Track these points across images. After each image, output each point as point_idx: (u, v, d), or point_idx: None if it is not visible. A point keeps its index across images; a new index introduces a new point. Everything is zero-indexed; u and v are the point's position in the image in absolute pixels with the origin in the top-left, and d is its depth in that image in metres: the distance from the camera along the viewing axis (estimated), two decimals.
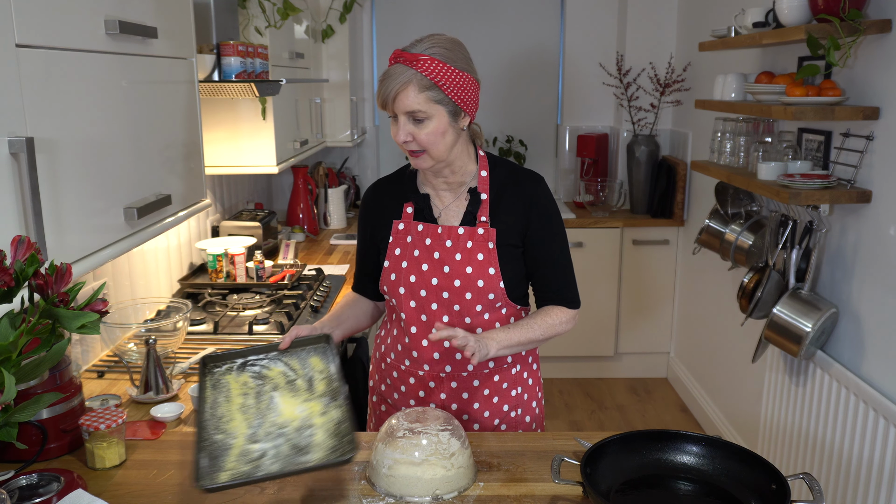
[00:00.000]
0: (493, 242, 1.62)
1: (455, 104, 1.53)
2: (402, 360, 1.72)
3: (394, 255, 1.67)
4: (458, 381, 1.68)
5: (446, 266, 1.62)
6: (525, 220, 1.64)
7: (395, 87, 1.49)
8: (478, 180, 1.66)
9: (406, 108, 1.50)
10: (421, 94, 1.49)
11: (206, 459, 1.27)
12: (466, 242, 1.62)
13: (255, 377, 1.49)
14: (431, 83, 1.49)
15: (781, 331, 2.38)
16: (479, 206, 1.64)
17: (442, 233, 1.64)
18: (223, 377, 1.49)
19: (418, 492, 1.38)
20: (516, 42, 4.56)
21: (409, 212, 1.68)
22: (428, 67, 1.48)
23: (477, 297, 1.62)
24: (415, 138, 1.52)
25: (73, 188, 1.30)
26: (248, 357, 1.53)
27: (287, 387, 1.46)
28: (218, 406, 1.41)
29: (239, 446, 1.30)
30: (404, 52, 1.51)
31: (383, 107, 1.53)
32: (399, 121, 1.52)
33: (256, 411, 1.39)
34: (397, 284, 1.66)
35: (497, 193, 1.65)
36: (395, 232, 1.68)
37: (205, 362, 1.52)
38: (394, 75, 1.49)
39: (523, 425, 1.78)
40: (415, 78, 1.48)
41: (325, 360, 1.52)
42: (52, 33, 1.24)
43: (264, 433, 1.33)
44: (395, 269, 1.66)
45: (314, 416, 1.37)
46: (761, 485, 1.32)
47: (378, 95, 1.53)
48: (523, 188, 1.65)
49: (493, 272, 1.61)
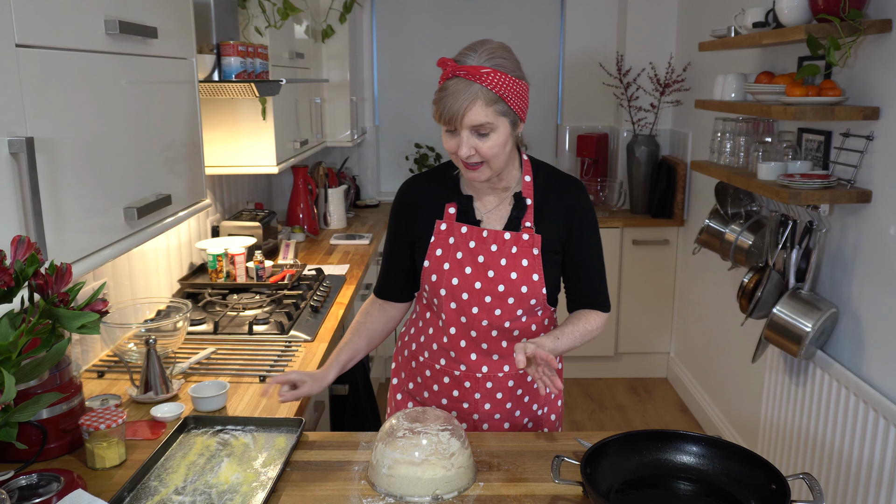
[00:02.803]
0: (539, 249, 1.62)
1: (516, 114, 1.52)
2: (437, 360, 1.71)
3: (435, 255, 1.65)
4: (493, 381, 1.69)
5: (490, 270, 1.61)
6: (567, 226, 1.64)
7: (463, 103, 1.45)
8: (522, 185, 1.65)
9: (473, 123, 1.47)
10: (489, 108, 1.47)
11: (128, 498, 1.38)
12: (511, 248, 1.62)
13: (220, 443, 1.59)
14: (497, 97, 1.47)
15: (781, 331, 2.38)
16: (524, 211, 1.63)
17: (487, 236, 1.62)
18: (195, 437, 1.61)
19: (418, 492, 1.38)
20: (516, 42, 4.49)
21: (451, 212, 1.65)
22: (492, 81, 1.46)
23: (519, 302, 1.62)
24: (477, 151, 1.50)
25: (73, 188, 1.30)
26: (226, 426, 1.65)
27: (240, 456, 1.54)
28: (172, 459, 1.52)
29: (163, 494, 1.39)
30: (463, 65, 1.47)
31: (446, 123, 1.49)
32: (462, 135, 1.49)
33: (199, 470, 1.48)
34: (438, 286, 1.64)
35: (541, 199, 1.65)
36: (437, 232, 1.65)
37: (187, 422, 1.64)
38: (458, 91, 1.46)
39: (548, 423, 1.80)
40: (481, 93, 1.46)
41: (288, 442, 1.60)
42: (51, 33, 1.23)
43: (192, 489, 1.41)
44: (436, 270, 1.64)
45: (243, 485, 1.43)
46: (761, 485, 1.32)
47: (439, 111, 1.49)
48: (566, 194, 1.66)
49: (536, 278, 1.61)
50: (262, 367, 2.04)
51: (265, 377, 1.97)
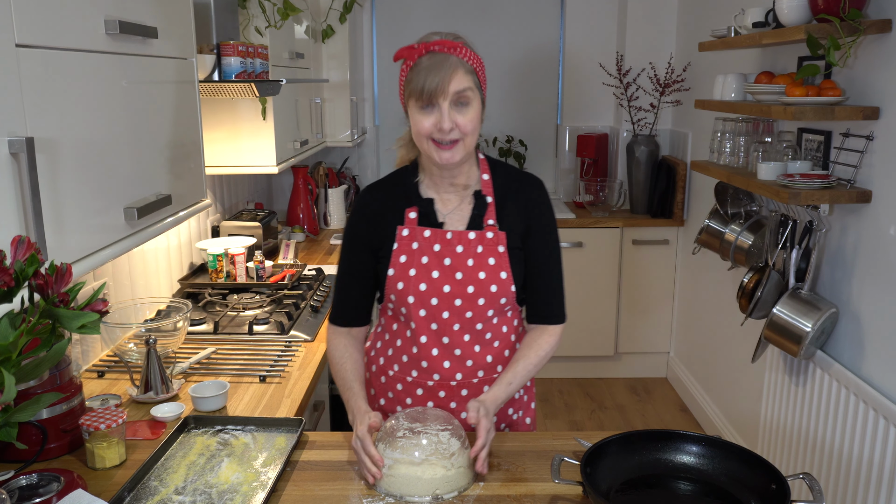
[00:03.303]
0: (504, 246, 1.60)
1: (483, 94, 1.55)
2: (408, 372, 1.65)
3: (399, 262, 1.61)
4: (468, 388, 1.64)
5: (458, 272, 1.58)
6: (526, 225, 1.62)
7: (446, 72, 1.47)
8: (481, 183, 1.64)
9: (457, 89, 1.48)
10: (467, 75, 1.50)
11: (128, 498, 1.38)
12: (476, 247, 1.59)
13: (220, 443, 1.59)
14: (472, 69, 1.51)
15: (781, 331, 2.38)
16: (485, 209, 1.61)
17: (452, 238, 1.60)
18: (195, 437, 1.61)
19: (418, 491, 1.38)
20: (516, 42, 4.56)
21: (412, 217, 1.62)
22: (466, 53, 1.51)
23: (489, 302, 1.60)
24: (456, 125, 1.50)
25: (73, 188, 1.30)
26: (226, 426, 1.66)
27: (240, 456, 1.54)
28: (172, 459, 1.52)
29: (163, 494, 1.39)
30: (433, 41, 1.50)
31: (427, 97, 1.48)
32: (443, 108, 1.48)
33: (200, 470, 1.48)
34: (405, 293, 1.60)
35: (501, 196, 1.63)
36: (400, 238, 1.61)
37: (187, 422, 1.65)
38: (437, 62, 1.48)
39: (523, 426, 1.78)
40: (459, 63, 1.49)
41: (289, 441, 1.60)
42: (51, 33, 1.23)
43: (192, 488, 1.41)
44: (401, 278, 1.60)
45: (244, 485, 1.43)
46: (761, 485, 1.32)
47: (418, 86, 1.48)
48: (525, 192, 1.64)
49: (504, 276, 1.59)
50: (262, 367, 2.04)
51: (265, 377, 1.97)
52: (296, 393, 1.89)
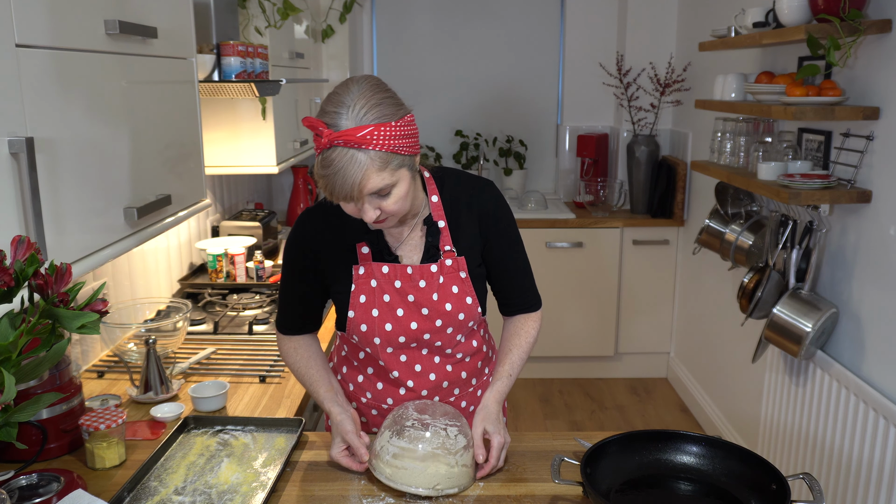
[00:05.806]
0: (465, 271, 1.53)
1: (412, 157, 1.37)
2: (382, 400, 1.62)
3: (359, 303, 1.52)
4: (450, 403, 1.63)
5: (424, 308, 1.52)
6: (483, 235, 1.56)
7: (355, 178, 1.28)
8: (430, 207, 1.54)
9: (372, 190, 1.31)
10: (383, 171, 1.30)
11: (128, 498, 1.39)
12: (439, 279, 1.52)
13: (220, 443, 1.59)
14: (389, 154, 1.30)
15: (781, 331, 2.38)
16: (438, 236, 1.53)
17: (413, 273, 1.52)
18: (195, 437, 1.61)
19: (420, 483, 1.38)
20: (516, 42, 4.56)
21: (364, 252, 1.52)
22: (378, 141, 1.28)
23: (458, 328, 1.56)
24: (383, 210, 1.36)
25: (73, 188, 1.30)
26: (226, 426, 1.66)
27: (240, 456, 1.54)
28: (172, 459, 1.52)
29: (163, 494, 1.40)
30: (339, 131, 1.28)
31: (342, 201, 1.33)
32: (363, 206, 1.34)
33: (199, 470, 1.48)
34: (370, 335, 1.53)
35: (453, 215, 1.54)
36: (357, 278, 1.52)
37: (187, 422, 1.65)
38: (344, 166, 1.28)
39: None
40: (369, 160, 1.28)
41: (288, 441, 1.60)
42: (51, 33, 1.23)
43: (192, 489, 1.42)
44: (364, 320, 1.52)
45: (243, 485, 1.43)
46: (761, 485, 1.32)
47: (329, 191, 1.31)
48: (477, 200, 1.56)
49: (470, 301, 1.54)
50: (262, 367, 2.04)
51: (265, 377, 1.97)
52: (295, 393, 1.89)
